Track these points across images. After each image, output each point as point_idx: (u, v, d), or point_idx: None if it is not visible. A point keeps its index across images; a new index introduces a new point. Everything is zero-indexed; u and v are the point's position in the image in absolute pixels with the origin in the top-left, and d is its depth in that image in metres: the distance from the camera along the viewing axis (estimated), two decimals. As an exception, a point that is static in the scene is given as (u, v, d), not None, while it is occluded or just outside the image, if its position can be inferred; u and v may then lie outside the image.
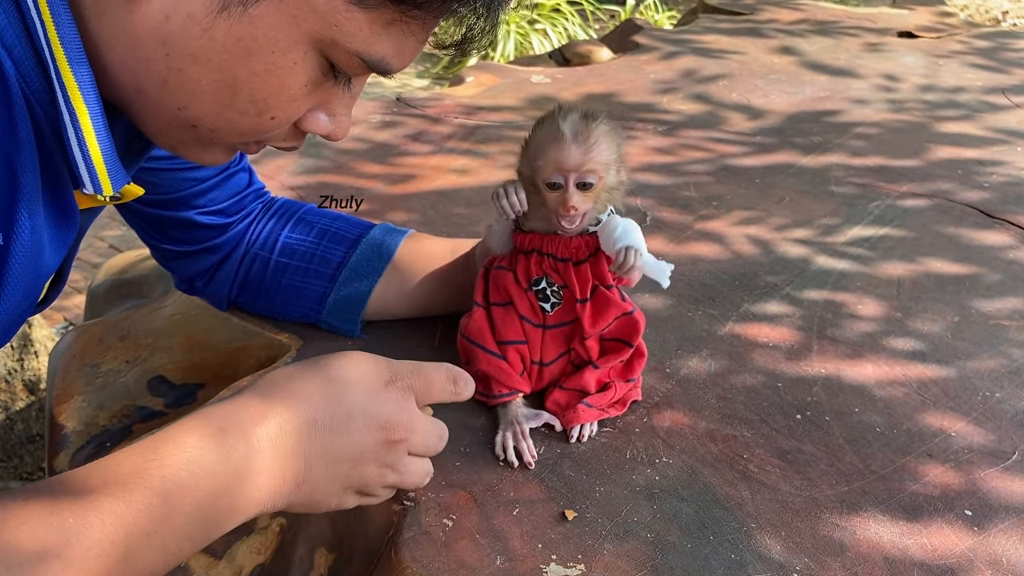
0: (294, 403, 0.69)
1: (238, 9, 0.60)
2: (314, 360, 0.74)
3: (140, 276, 1.39)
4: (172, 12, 0.61)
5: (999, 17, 5.45)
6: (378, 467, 0.73)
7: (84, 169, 0.63)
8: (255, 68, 0.63)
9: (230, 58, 0.62)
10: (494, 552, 0.78)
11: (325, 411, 0.70)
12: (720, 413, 0.97)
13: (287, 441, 0.67)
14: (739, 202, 1.49)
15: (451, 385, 0.78)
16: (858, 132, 1.83)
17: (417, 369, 0.76)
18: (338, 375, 0.71)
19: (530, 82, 2.09)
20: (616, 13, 5.14)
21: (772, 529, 0.82)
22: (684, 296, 1.19)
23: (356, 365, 0.73)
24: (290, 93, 0.66)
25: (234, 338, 1.12)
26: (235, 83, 0.64)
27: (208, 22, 0.61)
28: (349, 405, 0.71)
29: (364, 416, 0.71)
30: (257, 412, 0.67)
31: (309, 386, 0.70)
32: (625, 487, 0.86)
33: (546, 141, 0.86)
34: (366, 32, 0.63)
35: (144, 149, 0.80)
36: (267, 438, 0.66)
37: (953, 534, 0.83)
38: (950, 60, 2.34)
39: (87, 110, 0.62)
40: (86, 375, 1.17)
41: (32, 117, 0.61)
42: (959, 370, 1.07)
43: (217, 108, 0.65)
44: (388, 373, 0.74)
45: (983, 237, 1.40)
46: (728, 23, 2.64)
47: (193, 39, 0.61)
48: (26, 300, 0.67)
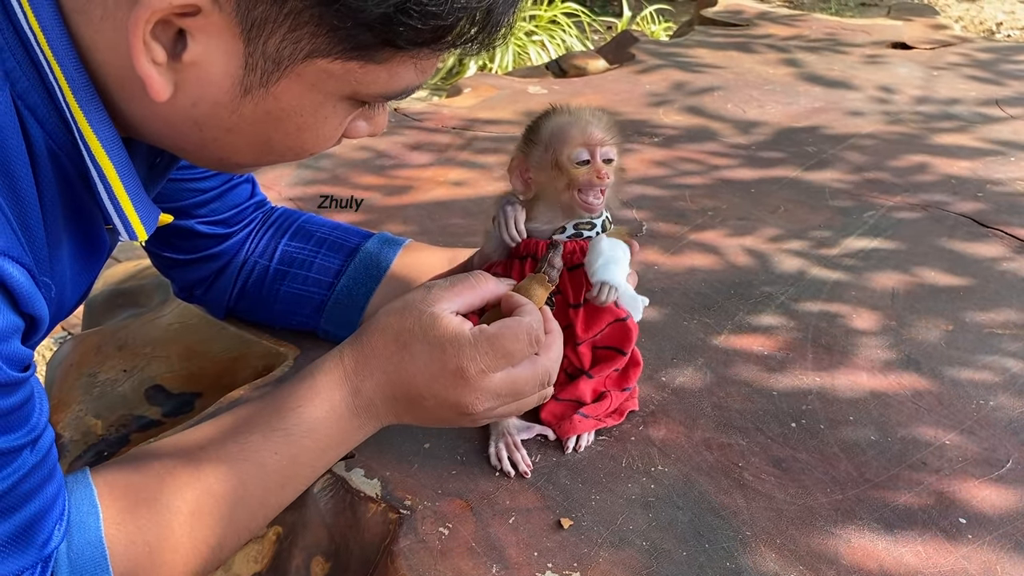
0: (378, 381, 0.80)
1: (260, 90, 0.64)
2: (400, 326, 0.80)
3: (138, 286, 1.39)
4: (198, 100, 0.64)
5: (993, 29, 5.48)
6: (466, 423, 0.83)
7: (118, 220, 0.68)
8: (287, 129, 0.67)
9: (262, 127, 0.67)
10: (490, 561, 0.79)
11: (402, 391, 0.80)
12: (715, 422, 0.98)
13: (377, 406, 0.81)
14: (734, 212, 1.50)
15: (532, 348, 0.80)
16: (853, 143, 1.84)
17: (493, 347, 0.78)
18: (412, 360, 0.79)
19: (527, 93, 2.10)
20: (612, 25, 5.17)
21: (767, 537, 0.83)
22: (679, 306, 1.20)
23: (430, 349, 0.79)
24: (326, 136, 0.70)
25: (232, 347, 1.13)
26: (270, 142, 0.68)
27: (235, 105, 0.64)
28: (420, 389, 0.79)
29: (435, 398, 0.80)
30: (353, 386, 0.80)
31: (388, 364, 0.80)
32: (621, 495, 0.87)
33: (566, 124, 0.90)
34: (385, 77, 0.66)
35: (167, 167, 0.82)
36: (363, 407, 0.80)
37: (947, 542, 0.84)
38: (945, 71, 2.36)
39: (114, 167, 0.65)
40: (84, 384, 1.17)
41: (58, 166, 0.65)
42: (953, 379, 1.07)
43: (255, 158, 0.71)
44: (459, 360, 0.78)
45: (977, 247, 1.41)
46: (724, 35, 2.66)
47: (223, 119, 0.65)
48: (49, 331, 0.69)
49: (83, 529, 0.66)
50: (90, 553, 0.66)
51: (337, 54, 0.63)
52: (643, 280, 0.99)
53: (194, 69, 0.62)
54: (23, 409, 0.60)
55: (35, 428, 0.62)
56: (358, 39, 0.62)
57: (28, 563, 0.62)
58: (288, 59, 0.62)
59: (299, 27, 0.61)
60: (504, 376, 0.79)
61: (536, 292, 0.85)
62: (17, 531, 0.61)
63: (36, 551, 0.62)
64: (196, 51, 0.61)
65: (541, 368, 0.81)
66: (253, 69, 0.62)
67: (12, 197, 0.60)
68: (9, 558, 0.60)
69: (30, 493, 0.61)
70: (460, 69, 4.32)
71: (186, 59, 0.61)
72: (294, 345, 1.07)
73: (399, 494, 0.85)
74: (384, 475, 0.88)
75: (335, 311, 1.04)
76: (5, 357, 0.57)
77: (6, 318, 0.57)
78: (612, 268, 0.87)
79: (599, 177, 0.88)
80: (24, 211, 0.61)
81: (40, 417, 0.63)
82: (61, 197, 0.66)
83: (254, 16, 0.60)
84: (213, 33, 0.60)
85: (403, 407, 0.81)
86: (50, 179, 0.64)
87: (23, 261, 0.58)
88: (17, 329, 0.58)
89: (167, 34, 0.60)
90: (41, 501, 0.62)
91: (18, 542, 0.61)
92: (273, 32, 0.61)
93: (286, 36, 0.61)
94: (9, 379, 0.58)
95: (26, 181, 0.61)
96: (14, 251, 0.57)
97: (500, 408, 0.81)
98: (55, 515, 0.64)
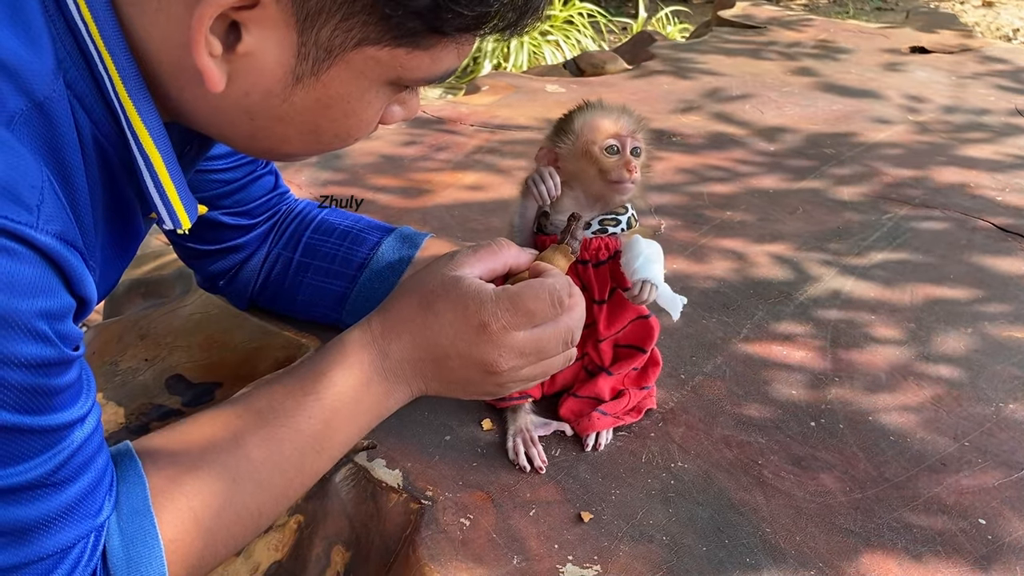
0: (404, 343, 0.80)
1: (311, 79, 0.65)
2: (424, 289, 0.81)
3: (159, 277, 1.40)
4: (251, 89, 0.65)
5: (1010, 35, 5.46)
6: (493, 386, 0.82)
7: (163, 209, 0.69)
8: (334, 115, 0.69)
9: (311, 115, 0.68)
10: (511, 552, 0.79)
11: (428, 351, 0.80)
12: (734, 419, 0.98)
13: (405, 369, 0.81)
14: (753, 215, 1.50)
15: (554, 309, 0.80)
16: (872, 148, 1.84)
17: (514, 305, 0.78)
18: (436, 319, 0.80)
19: (545, 91, 2.10)
20: (628, 26, 5.17)
21: (786, 534, 0.83)
22: (699, 305, 1.20)
23: (453, 306, 0.79)
24: (368, 121, 0.72)
25: (252, 337, 1.13)
26: (318, 129, 0.70)
27: (286, 93, 0.66)
28: (445, 347, 0.80)
29: (459, 357, 0.80)
30: (380, 349, 0.81)
31: (413, 326, 0.80)
32: (641, 490, 0.87)
33: (597, 116, 0.92)
34: (428, 62, 0.67)
35: (196, 157, 0.83)
36: (391, 369, 0.81)
37: (967, 543, 0.84)
38: (963, 77, 2.35)
39: (160, 156, 0.67)
40: (105, 373, 1.18)
41: (102, 155, 0.66)
42: (972, 383, 1.07)
43: (303, 147, 0.72)
44: (481, 316, 0.78)
45: (997, 255, 1.41)
46: (741, 37, 2.65)
47: (275, 107, 0.67)
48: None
49: (131, 498, 0.68)
50: (139, 522, 0.68)
51: (386, 42, 0.64)
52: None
53: (248, 60, 0.63)
54: (75, 386, 0.62)
55: (84, 404, 0.63)
56: (407, 27, 0.63)
57: (83, 532, 0.64)
58: (339, 48, 0.64)
59: (351, 16, 0.62)
60: (527, 334, 0.80)
61: (559, 262, 0.86)
62: (71, 502, 0.63)
63: (89, 521, 0.64)
64: (250, 42, 0.62)
65: (564, 327, 0.81)
66: (305, 58, 0.64)
67: (65, 184, 0.61)
68: (65, 528, 0.62)
69: (82, 466, 0.63)
70: (475, 68, 4.33)
71: (240, 50, 0.62)
72: (316, 337, 1.08)
73: (420, 485, 0.86)
74: (406, 466, 0.88)
75: (357, 304, 1.04)
76: (61, 336, 0.58)
77: (62, 299, 0.58)
78: (652, 267, 0.88)
79: (628, 169, 0.89)
80: (74, 197, 0.63)
81: (88, 394, 0.65)
82: (103, 186, 0.67)
83: (309, 7, 0.61)
84: (268, 25, 0.61)
85: (430, 369, 0.81)
86: (94, 168, 0.65)
87: (77, 245, 0.59)
88: (71, 309, 0.60)
89: (221, 26, 0.61)
90: (93, 474, 0.64)
91: (72, 513, 0.63)
92: (326, 22, 0.62)
93: (338, 25, 0.62)
94: (65, 357, 0.59)
95: (77, 169, 0.63)
96: (70, 235, 0.58)
97: (526, 369, 0.82)
98: (105, 486, 0.66)
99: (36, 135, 0.59)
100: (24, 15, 0.60)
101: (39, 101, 0.59)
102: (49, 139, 0.60)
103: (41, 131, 0.59)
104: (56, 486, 0.61)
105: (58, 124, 0.61)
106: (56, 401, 0.59)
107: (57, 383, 0.59)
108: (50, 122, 0.60)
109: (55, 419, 0.59)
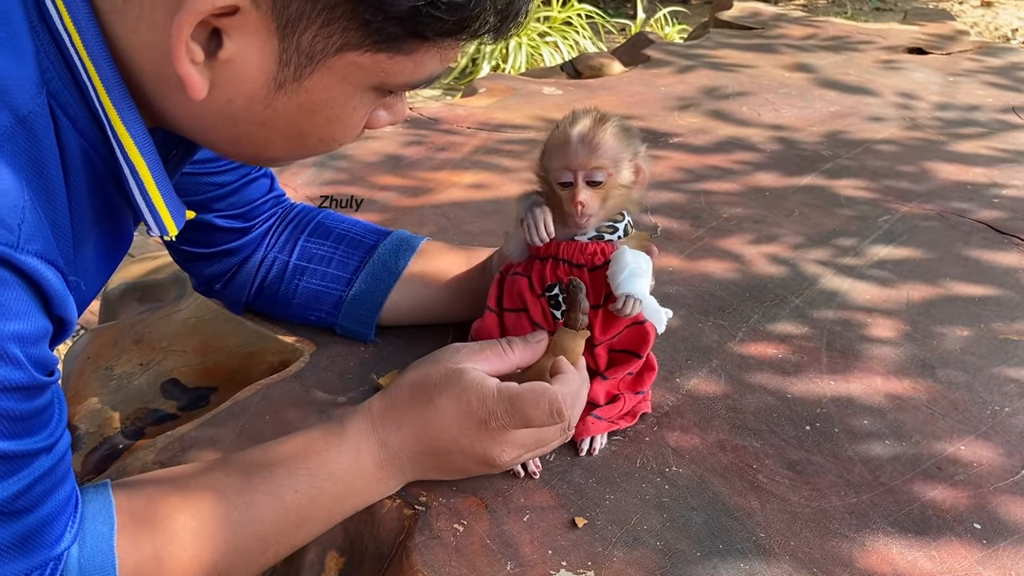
0: (405, 435, 0.81)
1: (293, 84, 0.65)
2: (426, 380, 0.82)
3: (155, 281, 1.40)
4: (233, 96, 0.65)
5: (1008, 35, 5.46)
6: (489, 471, 0.85)
7: (150, 217, 0.69)
8: (318, 121, 0.69)
9: (295, 120, 0.68)
10: (504, 558, 0.79)
11: (428, 445, 0.81)
12: (729, 424, 0.98)
13: (402, 460, 0.82)
14: (749, 216, 1.50)
15: (551, 419, 0.80)
16: (869, 147, 1.84)
17: (514, 407, 0.79)
18: (437, 414, 0.80)
19: (542, 94, 2.10)
20: (626, 27, 5.17)
21: (781, 539, 0.83)
22: (694, 308, 1.20)
23: (456, 402, 0.80)
24: (353, 126, 0.72)
25: (248, 342, 1.13)
26: (302, 134, 0.70)
27: (269, 99, 0.66)
28: (446, 442, 0.81)
29: (460, 451, 0.81)
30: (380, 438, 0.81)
31: (413, 419, 0.81)
32: (635, 495, 0.87)
33: (556, 143, 0.90)
34: (411, 67, 0.67)
35: (181, 161, 0.82)
36: (389, 459, 0.81)
37: (962, 547, 0.84)
38: (960, 77, 2.35)
39: (146, 164, 0.67)
40: (100, 377, 1.18)
41: (89, 164, 0.66)
42: (968, 385, 1.07)
43: (288, 152, 0.73)
44: (482, 413, 0.79)
45: (994, 254, 1.41)
46: (739, 38, 2.65)
47: (258, 113, 0.67)
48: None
49: (96, 538, 0.67)
50: (100, 561, 0.67)
51: (367, 47, 0.64)
52: (658, 283, 0.99)
53: (229, 66, 0.63)
54: (45, 413, 0.61)
55: (54, 433, 0.62)
56: (388, 32, 0.63)
57: (37, 563, 0.63)
58: (321, 53, 0.64)
59: (332, 22, 0.62)
60: (528, 431, 0.82)
61: (574, 346, 0.87)
62: (28, 532, 0.62)
63: (45, 552, 0.63)
64: (232, 49, 0.62)
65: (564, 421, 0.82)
66: (287, 64, 0.64)
67: (46, 199, 0.61)
68: (20, 558, 0.61)
69: (43, 496, 0.62)
70: (474, 70, 4.33)
71: (222, 57, 0.62)
72: (311, 341, 1.08)
73: (414, 490, 0.86)
74: (399, 471, 0.88)
75: (353, 308, 1.04)
76: (34, 361, 0.57)
77: (37, 322, 0.57)
78: (636, 281, 0.88)
79: (573, 204, 0.88)
80: (55, 211, 0.62)
81: (59, 422, 0.64)
82: (91, 195, 0.67)
83: (289, 13, 0.61)
84: (249, 31, 0.61)
85: (429, 462, 0.82)
86: (81, 178, 0.65)
87: (57, 264, 0.59)
88: (47, 333, 0.59)
89: (203, 33, 0.61)
90: (53, 504, 0.63)
91: (29, 543, 0.62)
92: (307, 28, 0.62)
93: (319, 31, 0.62)
94: (36, 382, 0.58)
95: (57, 182, 0.62)
96: (50, 254, 0.58)
97: (525, 455, 0.84)
98: (66, 518, 0.65)
99: (20, 151, 0.58)
100: (9, 26, 0.59)
101: (23, 116, 0.59)
102: (33, 154, 0.60)
103: (25, 147, 0.59)
104: (12, 515, 0.60)
105: (42, 138, 0.60)
106: (23, 427, 0.58)
107: (25, 408, 0.58)
108: (34, 136, 0.60)
109: (20, 446, 0.58)
